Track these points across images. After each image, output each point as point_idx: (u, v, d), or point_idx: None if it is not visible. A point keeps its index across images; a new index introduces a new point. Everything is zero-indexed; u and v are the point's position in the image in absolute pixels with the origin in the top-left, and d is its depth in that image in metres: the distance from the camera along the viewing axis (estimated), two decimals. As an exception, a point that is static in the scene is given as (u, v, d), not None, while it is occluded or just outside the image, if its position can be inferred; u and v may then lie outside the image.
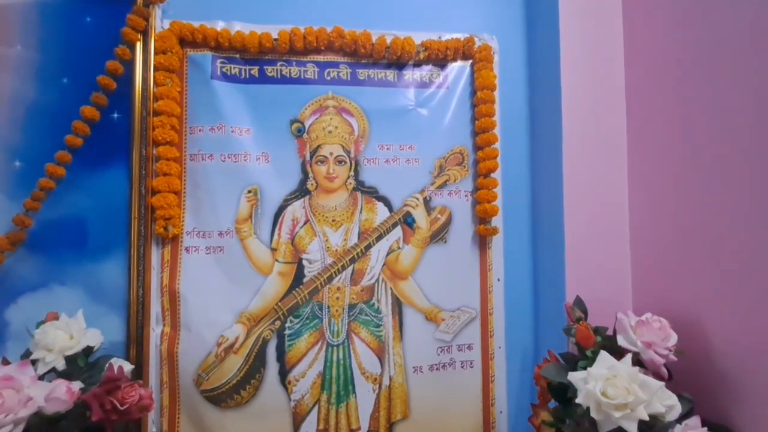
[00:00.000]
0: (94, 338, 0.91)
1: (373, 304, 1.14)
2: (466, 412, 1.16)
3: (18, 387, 0.74)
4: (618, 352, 0.83)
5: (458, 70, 1.21)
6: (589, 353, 0.84)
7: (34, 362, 0.83)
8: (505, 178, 1.21)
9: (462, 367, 1.17)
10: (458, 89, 1.20)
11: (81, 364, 0.88)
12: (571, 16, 1.12)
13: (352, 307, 1.13)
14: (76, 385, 0.81)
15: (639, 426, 0.69)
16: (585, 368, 0.81)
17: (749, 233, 0.79)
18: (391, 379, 1.13)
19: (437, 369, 1.15)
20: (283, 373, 1.08)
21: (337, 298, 1.12)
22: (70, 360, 0.86)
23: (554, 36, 1.12)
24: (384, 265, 1.15)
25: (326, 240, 1.13)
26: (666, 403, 0.71)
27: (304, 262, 1.12)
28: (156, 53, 1.07)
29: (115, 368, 0.83)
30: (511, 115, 1.23)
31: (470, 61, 1.21)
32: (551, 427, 0.92)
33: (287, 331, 1.10)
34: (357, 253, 1.14)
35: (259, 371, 1.07)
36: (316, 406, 1.09)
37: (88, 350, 0.89)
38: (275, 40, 1.12)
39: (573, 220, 1.09)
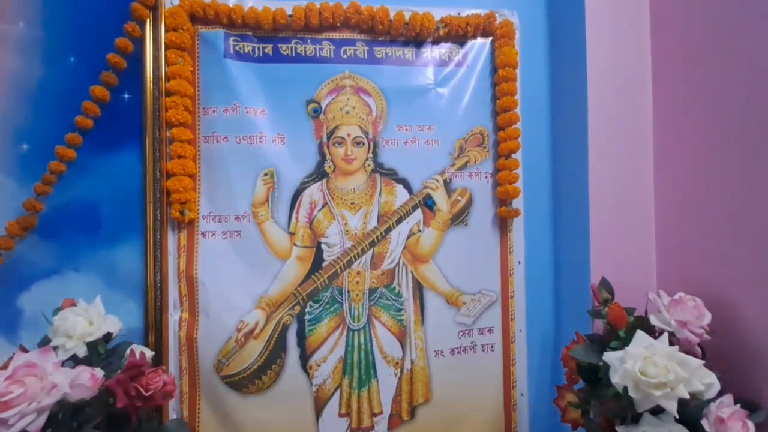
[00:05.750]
0: (113, 324, 0.88)
1: (394, 288, 1.12)
2: (488, 394, 1.16)
3: (41, 374, 0.71)
4: (650, 333, 0.81)
5: (478, 47, 1.17)
6: (621, 333, 0.83)
7: (53, 349, 0.81)
8: (526, 159, 1.18)
9: (483, 350, 1.16)
10: (478, 67, 1.17)
11: (101, 351, 0.85)
12: (596, -9, 1.08)
13: (372, 291, 1.11)
14: (99, 372, 0.79)
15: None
16: (616, 349, 0.80)
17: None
18: (412, 362, 1.12)
19: (458, 352, 1.14)
20: (304, 358, 1.07)
21: (357, 283, 1.11)
22: (90, 346, 0.84)
23: (579, 12, 1.09)
24: (404, 248, 1.13)
25: (345, 223, 1.11)
26: (705, 381, 0.70)
27: (323, 246, 1.10)
28: (167, 30, 1.03)
29: (137, 354, 0.82)
30: (533, 94, 1.20)
31: (490, 38, 1.17)
32: (577, 408, 0.91)
33: (307, 316, 1.08)
34: (377, 237, 1.11)
35: (280, 356, 1.06)
36: (338, 391, 1.08)
37: (107, 337, 0.87)
38: (290, 16, 1.08)
39: (598, 202, 1.07)
